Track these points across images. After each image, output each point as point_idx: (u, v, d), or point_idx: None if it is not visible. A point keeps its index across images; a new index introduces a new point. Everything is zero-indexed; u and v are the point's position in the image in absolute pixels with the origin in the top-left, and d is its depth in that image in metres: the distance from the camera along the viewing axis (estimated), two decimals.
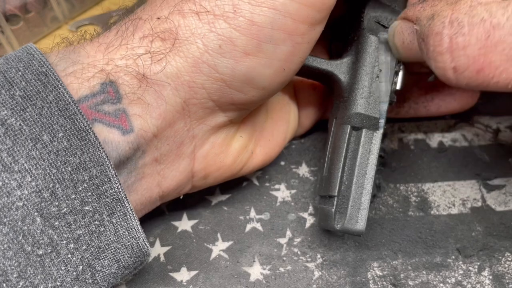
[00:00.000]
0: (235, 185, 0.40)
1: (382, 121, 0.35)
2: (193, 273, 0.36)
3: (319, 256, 0.37)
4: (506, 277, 0.35)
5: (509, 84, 0.27)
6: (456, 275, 0.36)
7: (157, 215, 0.39)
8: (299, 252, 0.37)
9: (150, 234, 0.38)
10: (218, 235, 0.38)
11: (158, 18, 0.31)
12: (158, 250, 0.37)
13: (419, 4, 0.32)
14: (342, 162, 0.34)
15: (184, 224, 0.38)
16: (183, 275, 0.36)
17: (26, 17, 0.46)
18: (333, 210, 0.34)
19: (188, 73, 0.30)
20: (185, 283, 0.35)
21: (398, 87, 0.35)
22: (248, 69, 0.31)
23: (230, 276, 0.36)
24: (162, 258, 0.37)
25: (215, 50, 0.30)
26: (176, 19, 0.30)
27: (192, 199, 0.40)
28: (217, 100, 0.32)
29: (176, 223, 0.38)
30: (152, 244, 0.37)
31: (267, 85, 0.32)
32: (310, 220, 0.39)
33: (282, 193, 0.40)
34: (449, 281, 0.35)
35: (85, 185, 0.28)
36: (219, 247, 0.37)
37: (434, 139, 0.42)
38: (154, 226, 0.38)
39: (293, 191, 0.40)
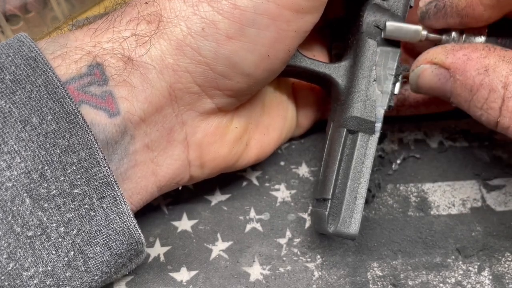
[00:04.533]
0: (235, 185, 0.40)
1: (378, 125, 0.35)
2: (193, 273, 0.36)
3: (318, 256, 0.37)
4: (506, 277, 0.35)
5: None
6: (456, 275, 0.36)
7: (157, 215, 0.39)
8: (299, 253, 0.37)
9: (150, 234, 0.38)
10: (218, 235, 0.38)
11: (146, 2, 0.31)
12: (158, 250, 0.37)
13: (456, 50, 0.33)
14: (337, 165, 0.34)
15: (184, 224, 0.38)
16: (183, 275, 0.36)
17: (26, 17, 0.46)
18: (327, 213, 0.33)
19: (172, 55, 0.31)
20: (185, 283, 0.35)
21: (396, 91, 0.35)
22: (231, 53, 0.31)
23: (230, 276, 0.36)
24: (162, 258, 0.37)
25: (198, 33, 0.30)
26: (162, 2, 0.31)
27: (192, 199, 0.40)
28: (202, 85, 0.32)
29: (176, 223, 0.38)
30: (152, 244, 0.37)
31: (252, 72, 0.32)
32: (310, 221, 0.38)
33: (282, 193, 0.40)
34: (449, 281, 0.35)
35: (74, 168, 0.29)
36: (219, 247, 0.37)
37: (434, 139, 0.42)
38: (154, 226, 0.38)
39: (293, 191, 0.40)
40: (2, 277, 0.28)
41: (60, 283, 0.29)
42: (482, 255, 0.36)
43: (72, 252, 0.29)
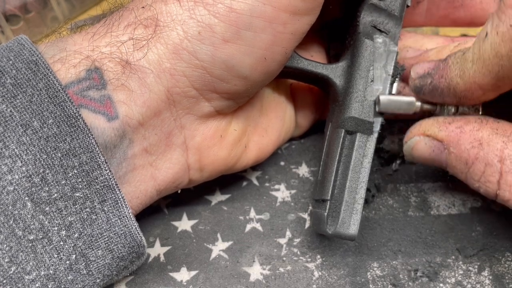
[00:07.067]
0: (235, 185, 0.40)
1: (376, 126, 0.35)
2: (193, 273, 0.36)
3: (318, 256, 0.37)
4: (506, 277, 0.35)
5: None
6: (456, 275, 0.36)
7: (157, 215, 0.39)
8: (299, 252, 0.37)
9: (150, 234, 0.38)
10: (218, 235, 0.38)
11: (143, 7, 0.31)
12: (158, 250, 0.37)
13: (448, 123, 0.33)
14: (335, 166, 0.34)
15: (184, 224, 0.38)
16: (183, 275, 0.36)
17: (26, 17, 0.46)
18: (326, 214, 0.34)
19: (169, 59, 0.31)
20: (185, 283, 0.35)
21: (393, 91, 0.35)
22: (227, 56, 0.31)
23: (230, 276, 0.36)
24: (162, 258, 0.37)
25: (194, 36, 0.30)
26: (158, 6, 0.31)
27: (192, 199, 0.40)
28: (199, 89, 0.32)
29: (176, 223, 0.38)
30: (152, 244, 0.37)
31: (249, 74, 0.32)
32: (310, 221, 0.39)
33: (282, 193, 0.40)
34: (449, 281, 0.35)
35: (75, 171, 0.29)
36: (219, 247, 0.37)
37: None
38: (154, 226, 0.38)
39: (293, 191, 0.40)
40: (4, 281, 0.28)
41: (62, 287, 0.29)
42: (482, 255, 0.36)
43: (74, 256, 0.29)
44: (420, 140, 0.34)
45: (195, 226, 0.38)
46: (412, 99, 0.34)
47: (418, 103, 0.35)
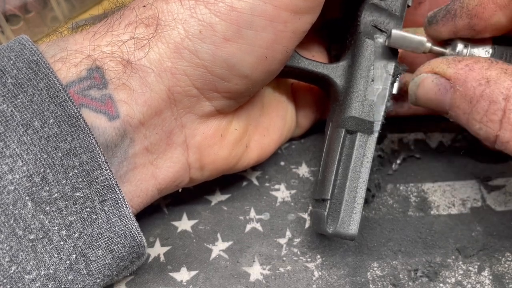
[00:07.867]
0: (235, 185, 0.40)
1: (377, 125, 0.35)
2: (193, 273, 0.36)
3: (318, 256, 0.37)
4: (506, 277, 0.35)
5: None
6: (456, 275, 0.36)
7: (157, 215, 0.39)
8: (299, 252, 0.37)
9: (150, 234, 0.38)
10: (218, 235, 0.38)
11: (144, 6, 0.31)
12: (158, 250, 0.37)
13: (458, 61, 0.32)
14: (335, 165, 0.34)
15: (184, 224, 0.38)
16: (183, 275, 0.36)
17: (26, 17, 0.46)
18: (326, 213, 0.34)
19: (170, 59, 0.31)
20: (185, 283, 0.35)
21: (394, 91, 0.35)
22: (228, 55, 0.31)
23: (230, 276, 0.36)
24: (162, 258, 0.37)
25: (195, 35, 0.30)
26: (160, 5, 0.31)
27: (192, 199, 0.40)
28: (200, 88, 0.32)
29: (176, 223, 0.38)
30: (152, 244, 0.37)
31: (250, 73, 0.32)
32: (310, 221, 0.39)
33: (282, 193, 0.40)
34: (449, 281, 0.35)
35: (76, 171, 0.29)
36: (219, 247, 0.37)
37: (434, 139, 0.42)
38: (154, 226, 0.38)
39: (293, 191, 0.40)
40: (4, 280, 0.28)
41: (62, 286, 0.29)
42: (482, 255, 0.36)
43: (74, 255, 0.29)
44: (427, 76, 0.33)
45: (195, 226, 0.38)
46: (423, 38, 0.34)
47: (429, 44, 0.34)
